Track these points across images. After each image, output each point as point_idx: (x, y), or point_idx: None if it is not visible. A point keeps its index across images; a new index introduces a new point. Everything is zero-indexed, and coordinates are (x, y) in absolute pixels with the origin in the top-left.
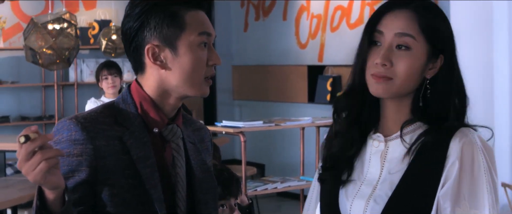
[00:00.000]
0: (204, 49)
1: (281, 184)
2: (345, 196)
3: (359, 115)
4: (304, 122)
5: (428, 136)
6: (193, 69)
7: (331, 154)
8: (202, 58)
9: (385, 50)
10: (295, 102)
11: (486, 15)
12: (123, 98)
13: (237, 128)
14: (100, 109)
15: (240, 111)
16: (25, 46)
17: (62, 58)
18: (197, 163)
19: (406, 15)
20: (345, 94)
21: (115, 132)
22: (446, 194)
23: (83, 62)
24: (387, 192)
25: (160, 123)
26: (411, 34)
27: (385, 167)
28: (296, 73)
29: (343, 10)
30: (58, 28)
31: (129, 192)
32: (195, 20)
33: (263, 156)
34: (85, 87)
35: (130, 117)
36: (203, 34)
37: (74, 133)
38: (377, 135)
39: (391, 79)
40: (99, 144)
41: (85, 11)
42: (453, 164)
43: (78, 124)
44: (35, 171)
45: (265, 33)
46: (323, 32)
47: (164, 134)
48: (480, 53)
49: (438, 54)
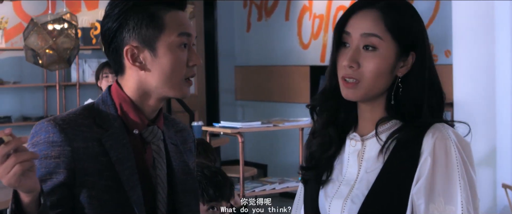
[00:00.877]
0: (184, 50)
1: (279, 185)
2: (324, 197)
3: (336, 115)
4: (302, 122)
5: (402, 133)
6: (172, 70)
7: (311, 154)
8: (182, 59)
9: (352, 52)
10: (297, 103)
11: (488, 15)
12: (103, 100)
13: (235, 129)
14: (80, 110)
15: (242, 111)
16: (25, 46)
17: (63, 59)
18: (178, 164)
19: (372, 15)
20: (321, 95)
21: (94, 134)
22: (420, 191)
23: (85, 62)
24: (363, 191)
25: (140, 125)
26: (376, 34)
27: (363, 166)
28: (298, 73)
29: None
30: (58, 29)
31: (108, 194)
32: (175, 20)
33: (265, 157)
34: (87, 88)
35: (109, 119)
36: (183, 35)
37: (51, 135)
38: (354, 135)
39: (359, 82)
40: (78, 146)
41: (87, 11)
42: (426, 160)
43: (56, 126)
44: (9, 175)
45: (268, 34)
46: (326, 33)
47: (144, 136)
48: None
49: (409, 51)
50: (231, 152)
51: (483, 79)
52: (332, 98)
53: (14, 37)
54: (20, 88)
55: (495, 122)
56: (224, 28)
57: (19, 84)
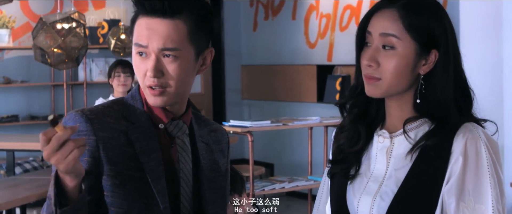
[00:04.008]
0: (143, 59)
1: (289, 184)
2: (352, 192)
3: (366, 112)
4: (312, 121)
5: (432, 134)
6: (136, 76)
7: (339, 147)
8: (137, 66)
9: (371, 51)
10: (304, 102)
11: (496, 15)
12: (132, 95)
13: (244, 128)
14: (108, 103)
15: (249, 110)
16: (33, 45)
17: (71, 58)
18: (207, 162)
19: (390, 15)
20: (350, 92)
21: (121, 126)
22: (451, 190)
23: (93, 61)
24: (392, 189)
25: (164, 119)
26: (394, 34)
27: (391, 163)
28: (305, 72)
29: (352, 9)
30: (67, 28)
31: (131, 184)
32: (137, 28)
33: (272, 156)
34: (94, 87)
35: (136, 113)
36: (136, 45)
37: (78, 125)
38: (382, 131)
39: (380, 79)
40: (103, 135)
41: (94, 10)
42: (457, 160)
43: (82, 116)
44: (68, 159)
45: (274, 33)
46: (332, 32)
47: (169, 130)
48: (489, 52)
49: (430, 49)
50: (238, 151)
51: (491, 78)
52: (361, 95)
53: (22, 36)
54: (27, 87)
55: (502, 121)
56: (230, 27)
57: (27, 83)
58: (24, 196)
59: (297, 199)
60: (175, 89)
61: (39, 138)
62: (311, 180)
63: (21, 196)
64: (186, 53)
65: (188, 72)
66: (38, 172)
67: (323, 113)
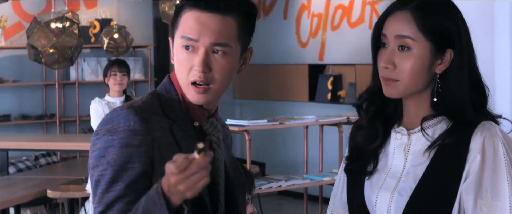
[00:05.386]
0: (189, 53)
1: (285, 183)
2: (371, 188)
3: (382, 110)
4: (308, 120)
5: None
6: (178, 70)
7: (356, 144)
8: (181, 61)
9: (388, 53)
10: (295, 101)
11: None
12: (166, 89)
13: (242, 127)
14: (149, 98)
15: (240, 109)
16: (28, 44)
17: (65, 57)
18: (228, 160)
19: (404, 17)
20: (366, 93)
21: (166, 125)
22: (469, 187)
23: (84, 61)
24: (411, 185)
25: (201, 117)
26: (409, 36)
27: (408, 159)
28: (297, 72)
29: (344, 9)
30: (60, 27)
31: None
32: (185, 21)
33: (263, 155)
34: (86, 86)
35: (175, 109)
36: (184, 38)
37: (132, 123)
38: (400, 128)
39: (398, 80)
40: (156, 135)
41: (86, 10)
42: (475, 158)
43: (136, 114)
44: (198, 185)
45: (266, 32)
46: (324, 31)
47: (204, 128)
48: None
49: (445, 49)
50: None
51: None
52: (377, 95)
53: (14, 35)
54: (19, 87)
55: None
56: None
57: (19, 82)
58: (19, 196)
59: (289, 198)
60: (218, 86)
61: (176, 164)
62: (307, 178)
63: (16, 195)
64: (234, 50)
65: (233, 70)
66: (32, 172)
67: (314, 112)
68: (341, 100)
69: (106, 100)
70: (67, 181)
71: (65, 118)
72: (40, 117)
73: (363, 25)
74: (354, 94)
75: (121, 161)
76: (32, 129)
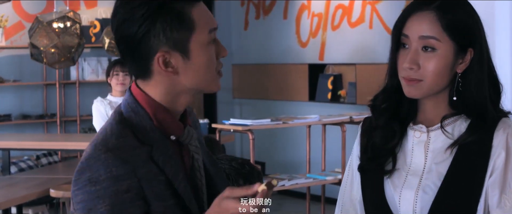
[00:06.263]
0: (213, 45)
1: (288, 182)
2: (392, 187)
3: (398, 110)
4: (311, 120)
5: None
6: (206, 68)
7: (372, 144)
8: (213, 55)
9: (411, 54)
10: (296, 101)
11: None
12: (134, 111)
13: (245, 126)
14: (118, 129)
15: (240, 109)
16: (30, 44)
17: (67, 57)
18: (206, 158)
19: (428, 17)
20: (382, 94)
21: (144, 154)
22: (494, 183)
23: (85, 60)
24: (435, 182)
25: (178, 130)
26: (434, 36)
27: (429, 157)
28: (297, 71)
29: (344, 8)
30: (62, 27)
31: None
32: (202, 17)
33: (262, 155)
34: (86, 86)
35: (148, 131)
36: (212, 31)
37: (114, 170)
38: (419, 126)
39: (421, 81)
40: (141, 173)
41: (86, 9)
42: (500, 155)
43: (116, 159)
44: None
45: (266, 32)
46: (324, 31)
47: (181, 140)
48: None
49: (467, 48)
50: (230, 150)
51: None
52: (394, 96)
53: (14, 35)
54: (20, 86)
55: None
56: (221, 26)
57: (19, 82)
58: (22, 195)
59: (289, 198)
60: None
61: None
62: (310, 178)
63: (17, 195)
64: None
65: None
66: (34, 171)
67: (315, 112)
68: (341, 100)
69: (109, 99)
70: (69, 181)
71: (66, 117)
72: (41, 116)
73: (363, 24)
74: (354, 93)
75: (117, 210)
76: (32, 128)
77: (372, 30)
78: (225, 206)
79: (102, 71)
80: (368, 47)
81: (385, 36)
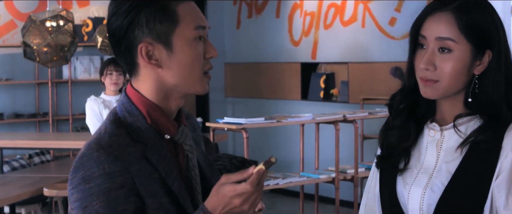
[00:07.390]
0: (200, 43)
1: (282, 180)
2: (403, 184)
3: (415, 110)
4: (305, 118)
5: (483, 130)
6: (191, 65)
7: (388, 144)
8: (199, 53)
9: (428, 55)
10: (288, 99)
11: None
12: (128, 111)
13: (239, 125)
14: (113, 129)
15: (232, 108)
16: (23, 43)
17: (60, 55)
18: (202, 159)
19: (446, 18)
20: (400, 93)
21: (138, 152)
22: (501, 185)
23: (77, 59)
24: (443, 181)
25: (172, 129)
26: (451, 38)
27: (441, 156)
28: (289, 70)
29: (337, 7)
30: (55, 25)
31: (170, 211)
32: (189, 13)
33: (255, 153)
34: (79, 84)
35: (142, 131)
36: (199, 28)
37: (107, 167)
38: (433, 125)
39: (437, 82)
40: (134, 169)
41: (79, 8)
42: (507, 156)
43: (108, 156)
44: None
45: (258, 31)
46: (317, 30)
47: (175, 139)
48: None
49: (484, 50)
50: (223, 148)
51: None
52: (411, 96)
53: (6, 34)
54: (12, 85)
55: None
56: (214, 25)
57: (11, 81)
58: (15, 194)
59: (282, 196)
60: None
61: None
62: (303, 176)
63: (11, 194)
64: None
65: None
66: (26, 170)
67: (307, 111)
68: (334, 98)
69: (102, 98)
70: (62, 180)
71: (58, 116)
72: (33, 115)
73: (355, 23)
74: (346, 92)
75: (112, 206)
76: (24, 127)
77: (365, 29)
78: (223, 191)
79: (95, 70)
80: (361, 46)
81: (377, 35)
